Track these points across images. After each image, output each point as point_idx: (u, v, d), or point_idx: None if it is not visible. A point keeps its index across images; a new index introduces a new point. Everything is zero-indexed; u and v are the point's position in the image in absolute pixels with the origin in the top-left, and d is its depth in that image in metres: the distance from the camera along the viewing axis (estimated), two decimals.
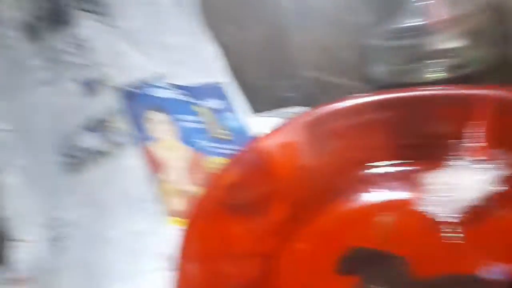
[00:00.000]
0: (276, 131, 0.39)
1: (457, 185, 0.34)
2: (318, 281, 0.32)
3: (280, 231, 0.36)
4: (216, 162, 0.40)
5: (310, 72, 0.51)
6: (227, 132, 0.42)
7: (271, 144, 0.39)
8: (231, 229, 0.32)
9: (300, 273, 0.33)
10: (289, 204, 0.37)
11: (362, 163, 0.39)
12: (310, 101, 0.45)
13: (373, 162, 0.39)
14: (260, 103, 0.47)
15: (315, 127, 0.39)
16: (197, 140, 0.40)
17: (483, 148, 0.34)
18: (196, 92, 0.42)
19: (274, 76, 0.50)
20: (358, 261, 0.32)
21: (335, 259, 0.32)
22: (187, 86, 0.41)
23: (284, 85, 0.49)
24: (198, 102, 0.42)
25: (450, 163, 0.36)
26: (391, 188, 0.38)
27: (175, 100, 0.41)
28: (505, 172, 0.33)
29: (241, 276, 0.31)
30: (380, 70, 0.45)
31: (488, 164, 0.34)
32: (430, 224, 0.33)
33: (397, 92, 0.38)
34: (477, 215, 0.32)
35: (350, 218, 0.37)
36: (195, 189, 0.37)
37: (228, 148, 0.41)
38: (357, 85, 0.48)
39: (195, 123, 0.41)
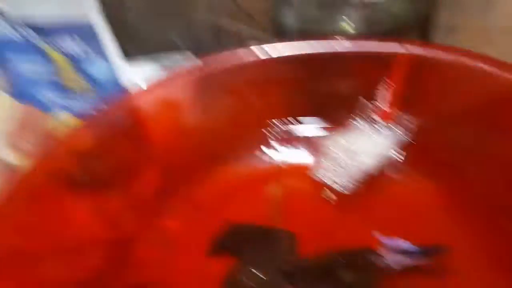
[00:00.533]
0: (155, 84, 0.31)
1: (358, 151, 0.30)
2: (186, 265, 0.26)
3: (144, 208, 0.29)
4: (63, 120, 0.30)
5: (203, 13, 0.42)
6: (86, 82, 0.31)
7: (146, 100, 0.31)
8: (70, 213, 0.24)
9: (164, 258, 0.26)
10: (160, 174, 0.30)
11: (256, 126, 0.34)
12: (200, 49, 0.37)
13: (269, 124, 0.34)
14: (139, 47, 0.37)
15: (204, 81, 0.32)
16: (39, 92, 0.29)
17: (389, 111, 0.31)
18: (49, 30, 0.31)
19: (159, 14, 0.41)
20: (236, 240, 0.27)
21: (209, 239, 0.27)
22: (34, 22, 0.30)
23: (170, 27, 0.40)
24: (50, 42, 0.31)
25: (354, 126, 0.32)
26: (286, 154, 0.33)
27: (12, 39, 0.30)
28: (407, 139, 0.30)
29: (77, 274, 0.23)
30: (288, 16, 0.40)
31: (392, 129, 0.30)
32: (325, 194, 0.29)
33: (303, 44, 0.32)
34: (373, 184, 0.29)
35: (234, 189, 0.31)
36: (21, 159, 0.27)
37: (85, 104, 0.31)
38: (259, 33, 0.41)
39: (40, 70, 0.31)
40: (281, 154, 0.33)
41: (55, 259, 0.22)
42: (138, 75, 0.33)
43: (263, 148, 0.33)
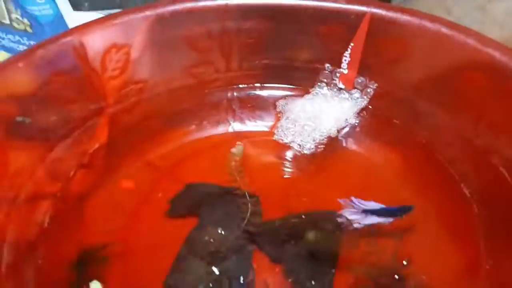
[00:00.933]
0: (103, 26, 0.27)
1: (319, 114, 0.30)
2: (145, 226, 0.24)
3: (95, 165, 0.27)
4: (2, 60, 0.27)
5: None
6: (28, 21, 0.28)
7: (94, 43, 0.27)
8: (8, 161, 0.21)
9: (120, 218, 0.25)
10: (110, 129, 0.28)
11: (215, 82, 0.32)
12: None
13: (229, 83, 0.32)
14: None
15: (158, 29, 0.28)
16: None
17: (350, 75, 0.31)
18: None
19: None
20: (196, 200, 0.26)
21: (167, 200, 0.26)
22: None
23: None
24: None
25: (315, 89, 0.32)
26: (247, 115, 0.32)
27: None
28: (366, 103, 0.30)
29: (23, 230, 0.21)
30: None
31: (352, 93, 0.31)
32: (286, 157, 0.29)
33: None
34: (333, 147, 0.29)
35: (193, 152, 0.29)
36: None
37: (26, 44, 0.27)
38: None
39: None
40: (243, 118, 0.32)
41: None
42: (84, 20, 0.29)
43: (224, 112, 0.32)
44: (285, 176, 0.27)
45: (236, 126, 0.31)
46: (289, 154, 0.28)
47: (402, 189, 0.26)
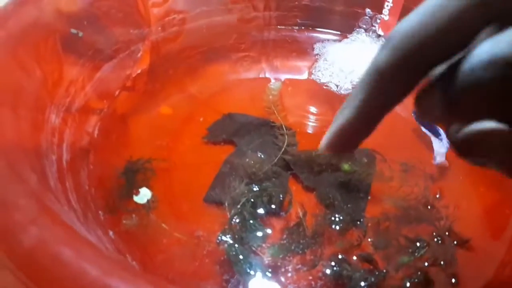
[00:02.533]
0: None
1: (356, 58, 0.30)
2: (184, 148, 0.25)
3: (136, 88, 0.28)
4: None
5: None
6: None
7: None
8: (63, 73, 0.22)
9: (160, 139, 0.25)
10: (152, 56, 0.29)
11: (253, 21, 0.32)
12: None
13: (267, 23, 0.33)
14: None
15: None
16: None
17: (390, 21, 0.31)
18: None
19: None
20: (231, 129, 0.26)
21: (205, 128, 0.26)
22: None
23: None
24: None
25: (352, 35, 0.32)
26: (285, 55, 0.32)
27: None
28: None
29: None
30: None
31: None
32: (322, 96, 0.29)
33: None
34: None
35: (232, 86, 0.30)
36: None
37: None
38: None
39: None
40: (281, 58, 0.32)
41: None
42: None
43: (263, 51, 0.33)
44: (320, 114, 0.28)
45: (273, 65, 0.31)
46: (325, 94, 0.29)
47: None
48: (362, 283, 0.19)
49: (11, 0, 0.21)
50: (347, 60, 0.30)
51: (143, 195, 0.22)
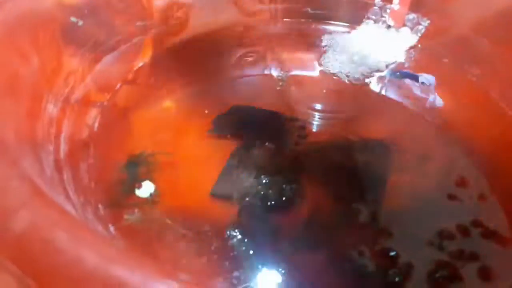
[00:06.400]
0: None
1: (366, 49, 0.30)
2: (190, 141, 0.24)
3: (139, 80, 0.27)
4: None
5: None
6: None
7: None
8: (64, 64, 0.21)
9: (164, 132, 0.24)
10: (154, 48, 0.28)
11: (259, 14, 0.31)
12: None
13: (273, 16, 0.32)
14: None
15: None
16: None
17: (400, 11, 0.30)
18: None
19: None
20: (238, 121, 0.25)
21: (210, 122, 0.25)
22: None
23: None
24: None
25: (361, 27, 0.31)
26: (292, 47, 0.31)
27: None
28: (415, 41, 0.29)
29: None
30: None
31: (401, 31, 0.30)
32: (331, 87, 0.28)
33: None
34: (379, 80, 0.28)
35: (238, 80, 0.29)
36: None
37: None
38: None
39: None
40: (288, 50, 0.31)
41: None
42: None
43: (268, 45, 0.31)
44: (330, 105, 0.27)
45: (280, 57, 0.30)
46: (335, 84, 0.28)
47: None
48: (383, 279, 0.18)
49: None
50: (357, 50, 0.29)
51: (146, 189, 0.20)
